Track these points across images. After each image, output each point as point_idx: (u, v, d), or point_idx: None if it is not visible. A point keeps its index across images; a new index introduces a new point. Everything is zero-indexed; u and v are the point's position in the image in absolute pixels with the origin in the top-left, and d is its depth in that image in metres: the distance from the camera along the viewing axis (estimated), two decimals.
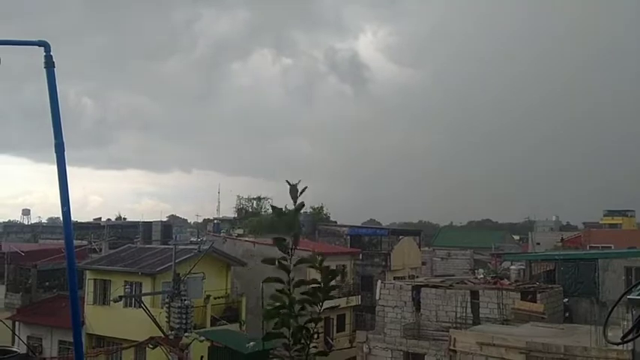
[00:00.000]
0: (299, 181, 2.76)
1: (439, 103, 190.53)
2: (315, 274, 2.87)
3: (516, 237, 72.53)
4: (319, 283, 2.57)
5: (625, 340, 2.73)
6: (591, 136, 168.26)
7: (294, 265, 2.71)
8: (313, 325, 2.47)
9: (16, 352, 3.63)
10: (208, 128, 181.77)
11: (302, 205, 2.75)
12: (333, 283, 2.74)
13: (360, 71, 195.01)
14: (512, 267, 32.88)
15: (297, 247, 2.88)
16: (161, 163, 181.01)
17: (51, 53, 3.33)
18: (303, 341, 2.43)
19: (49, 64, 3.33)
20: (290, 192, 2.70)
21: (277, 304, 2.63)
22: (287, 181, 2.74)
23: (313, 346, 2.52)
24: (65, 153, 3.25)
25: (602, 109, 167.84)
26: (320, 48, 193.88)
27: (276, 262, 2.65)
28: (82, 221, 50.37)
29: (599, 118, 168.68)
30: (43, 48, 3.32)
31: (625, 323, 20.67)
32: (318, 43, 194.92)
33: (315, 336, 2.51)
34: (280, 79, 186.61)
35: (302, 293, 2.68)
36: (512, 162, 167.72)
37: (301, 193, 2.71)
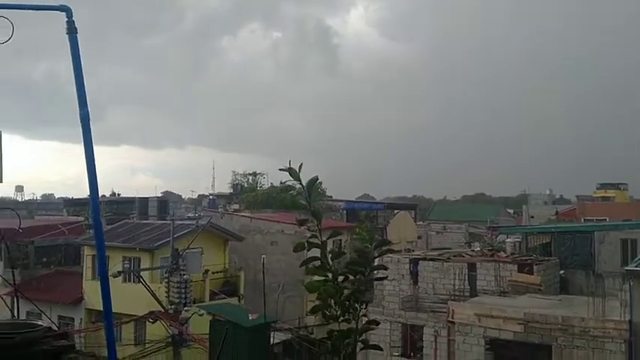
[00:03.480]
0: (300, 164, 2.68)
1: (435, 78, 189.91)
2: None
3: (510, 211, 72.88)
4: (365, 252, 2.52)
5: None
6: (584, 111, 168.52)
7: (328, 239, 2.64)
8: (360, 294, 2.43)
9: (41, 325, 3.59)
10: (201, 104, 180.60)
11: (315, 179, 2.68)
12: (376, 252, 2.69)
13: (351, 45, 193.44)
14: (508, 240, 33.02)
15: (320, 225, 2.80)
16: (154, 139, 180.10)
17: (73, 19, 3.19)
18: (351, 310, 2.39)
19: (72, 30, 3.20)
20: (291, 174, 2.62)
21: (318, 277, 2.58)
22: (283, 167, 2.65)
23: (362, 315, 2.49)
24: (91, 123, 3.15)
25: (600, 86, 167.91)
26: (311, 21, 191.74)
27: (306, 244, 2.59)
28: (78, 197, 50.17)
29: (595, 93, 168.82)
30: (64, 13, 3.19)
31: (621, 294, 20.90)
32: (308, 17, 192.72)
33: (364, 305, 2.48)
34: (270, 53, 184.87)
35: (346, 264, 2.63)
36: (507, 137, 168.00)
37: (300, 169, 2.62)
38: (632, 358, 19.35)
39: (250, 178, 67.67)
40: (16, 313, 4.76)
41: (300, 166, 2.56)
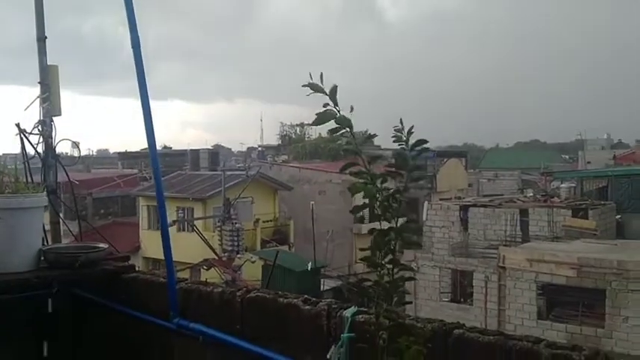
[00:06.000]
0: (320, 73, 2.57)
1: (485, 23, 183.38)
2: None
3: (566, 157, 70.89)
4: (402, 154, 2.48)
5: None
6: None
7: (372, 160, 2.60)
8: (399, 193, 2.43)
9: (104, 247, 3.78)
10: (248, 56, 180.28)
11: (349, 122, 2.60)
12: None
13: None
14: (563, 185, 32.30)
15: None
16: (204, 93, 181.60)
17: None
18: (391, 210, 2.40)
19: None
20: (312, 88, 2.50)
21: (361, 181, 2.56)
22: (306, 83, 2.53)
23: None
24: (142, 50, 3.17)
25: None
26: None
27: (347, 148, 2.54)
28: (131, 151, 51.49)
29: None
30: None
31: None
32: None
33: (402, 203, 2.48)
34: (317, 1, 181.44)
35: (387, 166, 2.61)
36: (562, 81, 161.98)
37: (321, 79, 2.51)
38: None
39: (298, 129, 67.90)
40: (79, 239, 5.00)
41: (321, 76, 2.43)
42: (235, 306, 3.05)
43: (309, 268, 23.75)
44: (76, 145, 5.48)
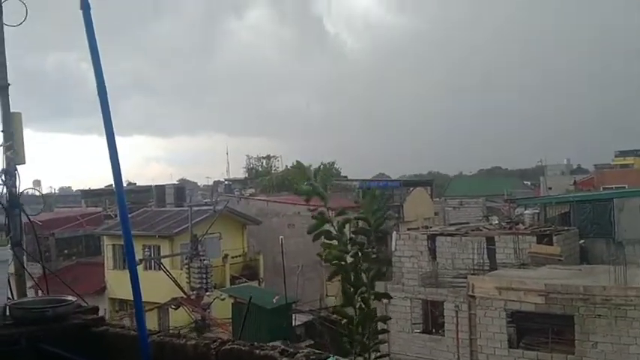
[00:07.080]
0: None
1: (438, 48, 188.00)
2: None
3: (527, 182, 72.33)
4: (368, 220, 2.56)
5: None
6: (598, 76, 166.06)
7: (336, 216, 2.72)
8: (365, 255, 2.49)
9: (72, 301, 3.67)
10: (208, 89, 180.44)
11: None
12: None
13: (355, 22, 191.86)
14: (527, 212, 32.87)
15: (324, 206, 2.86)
16: (165, 127, 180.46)
17: None
18: (359, 268, 2.45)
19: (85, 6, 3.22)
20: (299, 168, 2.68)
21: (329, 250, 2.64)
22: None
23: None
24: (108, 96, 3.15)
25: (616, 47, 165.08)
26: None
27: (318, 217, 2.63)
28: (95, 188, 50.56)
29: (610, 57, 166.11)
30: None
31: None
32: None
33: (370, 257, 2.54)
34: (276, 34, 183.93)
35: (352, 232, 2.68)
36: (522, 108, 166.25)
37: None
38: None
39: (264, 161, 67.78)
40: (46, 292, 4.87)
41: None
42: (210, 359, 2.99)
43: (274, 300, 23.40)
44: (39, 192, 5.33)
